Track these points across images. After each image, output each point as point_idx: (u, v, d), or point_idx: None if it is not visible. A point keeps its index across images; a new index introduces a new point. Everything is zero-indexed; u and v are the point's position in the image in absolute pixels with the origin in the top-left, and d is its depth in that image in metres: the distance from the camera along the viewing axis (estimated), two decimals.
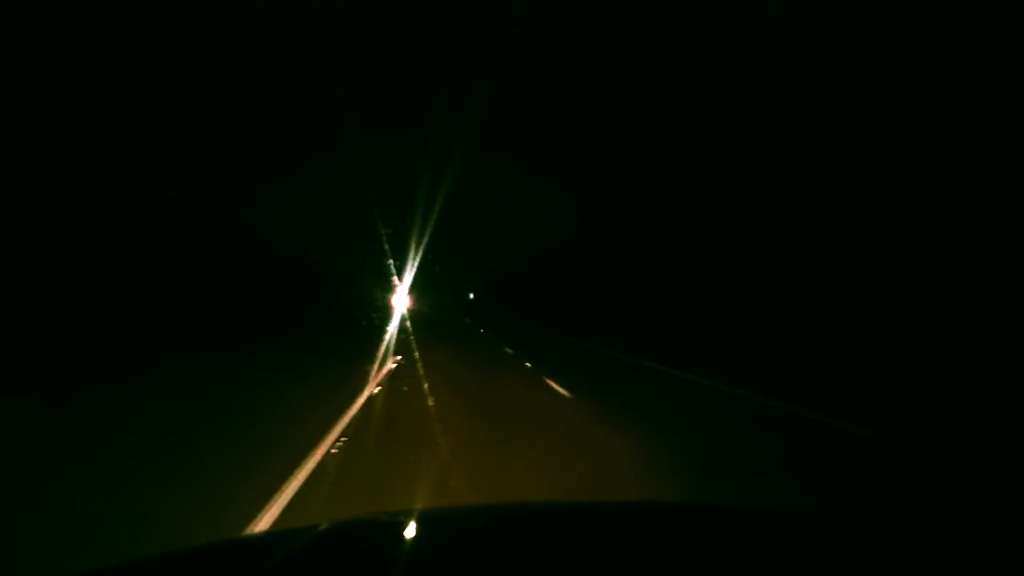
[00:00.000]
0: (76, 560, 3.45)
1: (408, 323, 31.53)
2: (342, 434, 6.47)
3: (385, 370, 12.22)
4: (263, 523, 3.96)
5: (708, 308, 23.47)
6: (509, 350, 19.24)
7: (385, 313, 35.43)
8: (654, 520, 1.86)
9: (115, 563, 1.48)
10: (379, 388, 10.04)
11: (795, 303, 18.16)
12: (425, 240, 31.40)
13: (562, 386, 10.75)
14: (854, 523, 1.81)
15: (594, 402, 9.61)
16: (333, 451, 5.78)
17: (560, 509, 2.29)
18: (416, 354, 15.65)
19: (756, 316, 19.62)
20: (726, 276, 23.57)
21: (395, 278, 35.60)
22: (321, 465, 5.29)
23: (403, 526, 1.80)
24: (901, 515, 4.46)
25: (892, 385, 10.81)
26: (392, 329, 26.09)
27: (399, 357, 14.59)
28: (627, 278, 30.64)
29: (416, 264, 34.35)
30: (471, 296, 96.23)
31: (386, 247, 34.73)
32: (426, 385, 10.41)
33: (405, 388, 10.17)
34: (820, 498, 5.28)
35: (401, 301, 35.12)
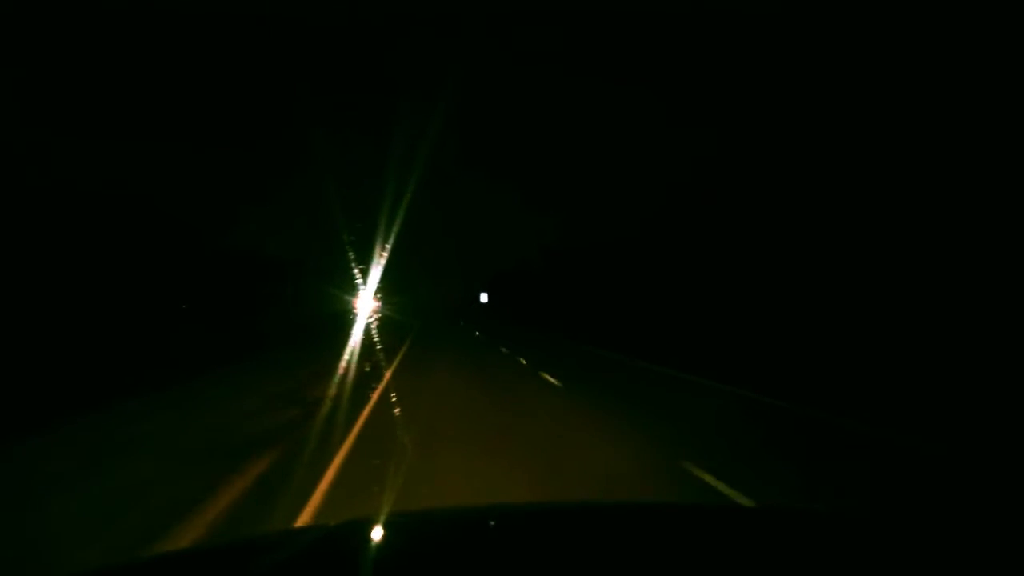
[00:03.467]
0: None
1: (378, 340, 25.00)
2: None
3: None
4: None
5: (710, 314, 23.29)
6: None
7: (344, 322, 29.91)
8: (653, 520, 1.86)
9: (115, 563, 1.01)
10: None
11: (792, 303, 18.55)
12: (394, 234, 29.14)
13: None
14: (854, 523, 1.82)
15: None
16: None
17: (560, 509, 2.27)
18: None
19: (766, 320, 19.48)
20: (718, 280, 23.86)
21: (361, 280, 32.55)
22: None
23: (403, 526, 1.81)
24: (900, 515, 4.51)
25: (889, 381, 11.26)
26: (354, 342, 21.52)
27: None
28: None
29: (383, 261, 31.33)
30: (483, 299, 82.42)
31: (350, 250, 31.73)
32: None
33: None
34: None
35: (366, 305, 30.84)
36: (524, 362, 17.03)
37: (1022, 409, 8.49)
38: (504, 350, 21.47)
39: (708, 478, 5.42)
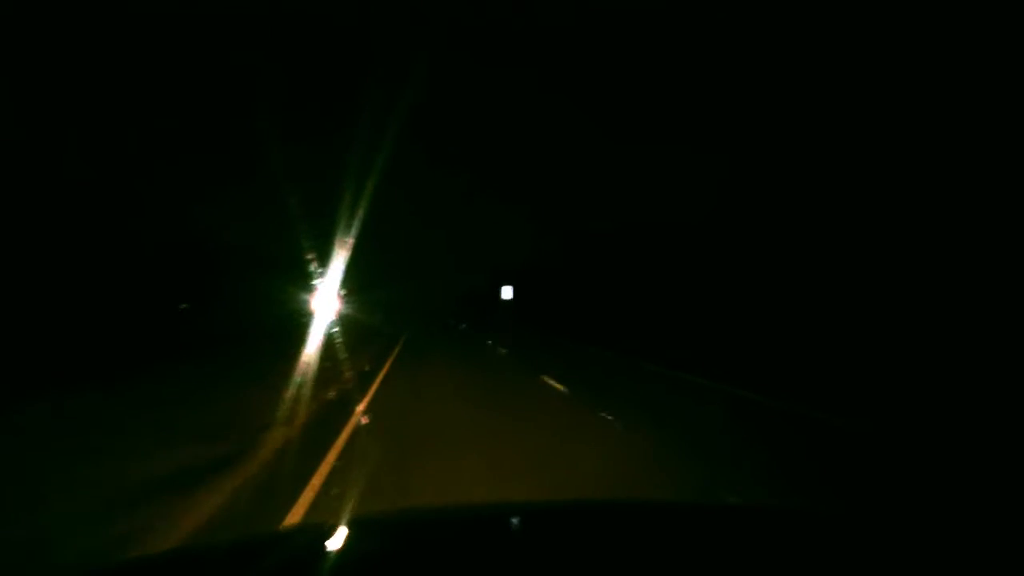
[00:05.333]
0: None
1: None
2: None
3: None
4: None
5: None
6: None
7: (294, 328, 24.21)
8: (653, 520, 1.86)
9: (115, 563, 1.63)
10: None
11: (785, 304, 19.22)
12: (358, 222, 24.86)
13: None
14: (853, 523, 1.85)
15: None
16: None
17: (559, 508, 2.26)
18: None
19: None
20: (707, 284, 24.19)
21: (321, 276, 26.54)
22: None
23: (403, 526, 1.84)
24: (899, 515, 4.59)
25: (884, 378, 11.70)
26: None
27: None
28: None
29: (346, 255, 25.96)
30: (506, 295, 63.24)
31: (305, 242, 26.66)
32: None
33: None
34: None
35: (326, 305, 25.35)
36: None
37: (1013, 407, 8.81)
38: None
39: None
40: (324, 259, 24.74)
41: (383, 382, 13.72)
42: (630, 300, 31.97)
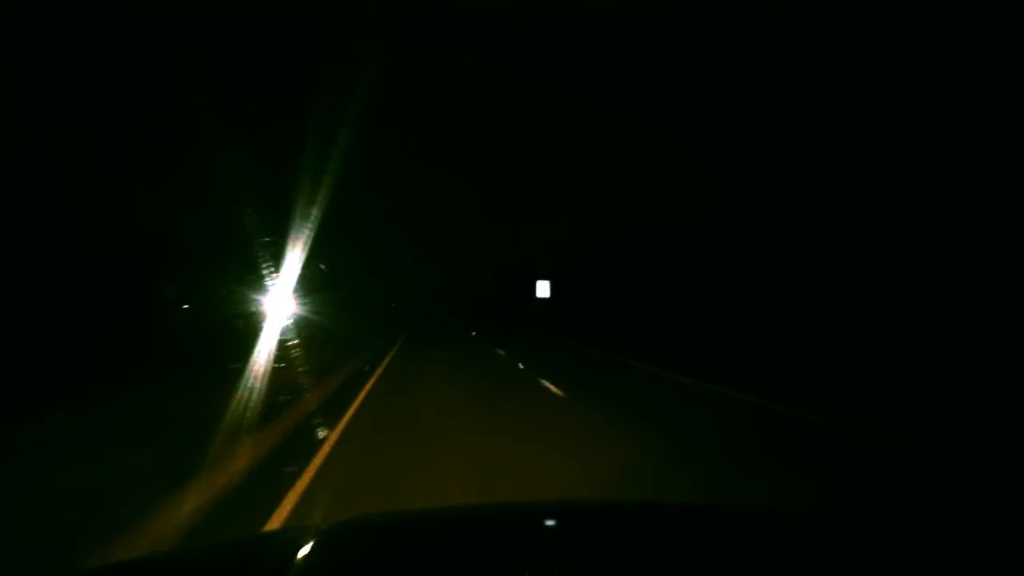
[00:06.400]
0: None
1: None
2: None
3: None
4: None
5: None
6: None
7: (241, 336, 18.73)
8: (653, 520, 1.85)
9: (114, 563, 1.49)
10: None
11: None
12: (316, 214, 20.69)
13: None
14: (853, 523, 1.84)
15: None
16: None
17: (559, 508, 2.23)
18: None
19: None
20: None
21: (273, 274, 20.50)
22: None
23: (403, 526, 1.84)
24: (899, 515, 4.72)
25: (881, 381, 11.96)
26: None
27: None
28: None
29: (302, 251, 20.41)
30: (544, 294, 48.84)
31: (255, 237, 21.20)
32: None
33: None
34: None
35: (279, 307, 20.16)
36: None
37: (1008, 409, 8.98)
38: None
39: None
40: (279, 254, 21.03)
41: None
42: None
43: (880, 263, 16.69)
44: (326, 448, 7.54)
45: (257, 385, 11.29)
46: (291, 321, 20.99)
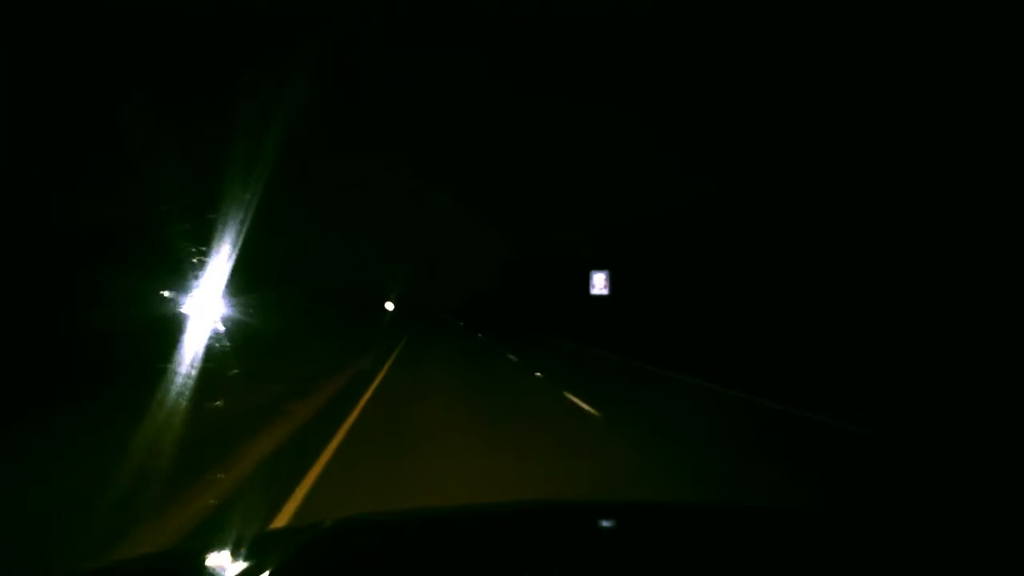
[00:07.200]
0: None
1: None
2: None
3: None
4: None
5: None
6: None
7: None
8: (653, 520, 1.86)
9: (114, 563, 1.69)
10: None
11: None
12: (251, 201, 16.69)
13: None
14: (853, 523, 1.88)
15: None
16: None
17: (559, 508, 2.23)
18: None
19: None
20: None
21: (199, 267, 15.59)
22: None
23: (403, 526, 1.82)
24: (899, 515, 4.80)
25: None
26: None
27: None
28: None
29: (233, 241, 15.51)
30: (601, 289, 38.12)
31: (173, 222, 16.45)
32: None
33: None
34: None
35: (204, 308, 15.68)
36: None
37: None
38: None
39: None
40: (206, 246, 17.19)
41: None
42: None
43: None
44: None
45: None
46: (215, 328, 16.53)
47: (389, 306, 57.08)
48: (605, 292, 39.08)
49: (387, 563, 1.37)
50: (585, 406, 12.07)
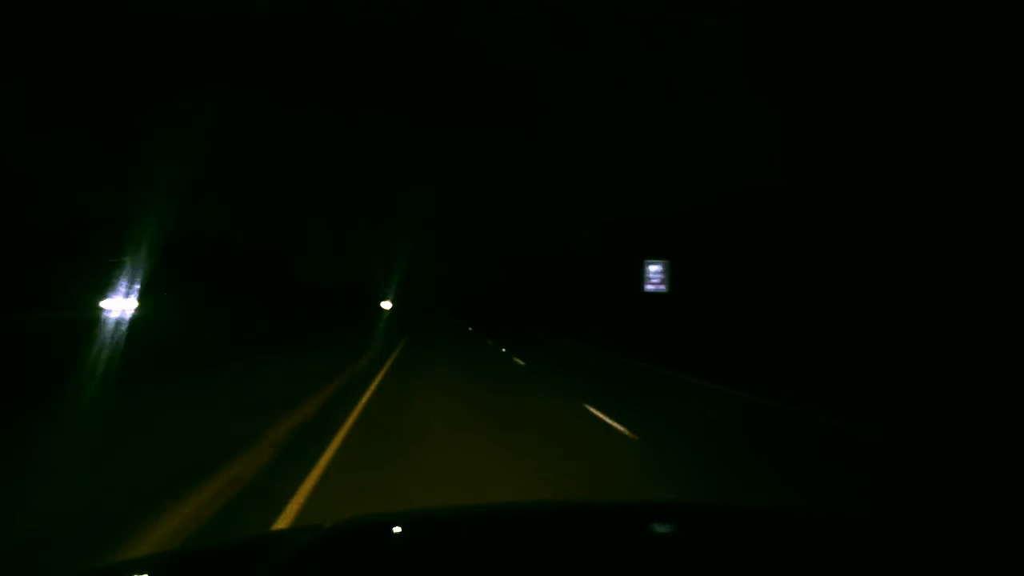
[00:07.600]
0: None
1: None
2: None
3: None
4: None
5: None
6: None
7: None
8: (654, 520, 1.85)
9: (114, 563, 1.67)
10: None
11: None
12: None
13: None
14: (854, 523, 1.82)
15: None
16: None
17: (559, 508, 2.23)
18: None
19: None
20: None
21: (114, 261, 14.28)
22: None
23: (403, 526, 1.78)
24: (900, 515, 4.72)
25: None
26: None
27: None
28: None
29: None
30: (658, 285, 29.09)
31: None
32: None
33: None
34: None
35: (117, 304, 14.54)
36: None
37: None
38: None
39: None
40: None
41: None
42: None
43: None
44: None
45: None
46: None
47: (386, 305, 55.19)
48: (663, 289, 29.63)
49: (388, 565, 1.38)
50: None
